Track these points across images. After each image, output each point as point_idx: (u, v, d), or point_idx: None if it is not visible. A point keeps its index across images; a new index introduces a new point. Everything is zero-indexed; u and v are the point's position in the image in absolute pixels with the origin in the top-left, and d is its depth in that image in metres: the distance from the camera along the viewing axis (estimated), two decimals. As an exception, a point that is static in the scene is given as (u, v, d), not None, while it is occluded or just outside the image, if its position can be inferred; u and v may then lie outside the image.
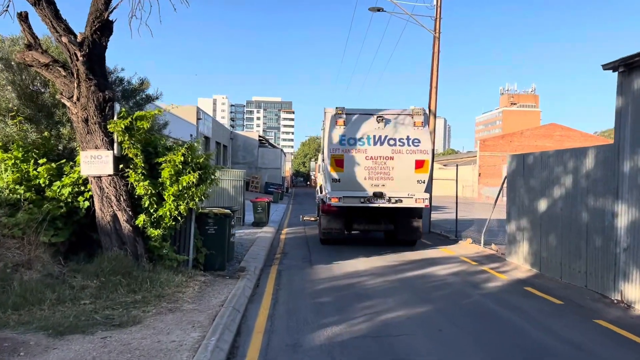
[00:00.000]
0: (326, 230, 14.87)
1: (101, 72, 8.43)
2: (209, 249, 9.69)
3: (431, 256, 13.04)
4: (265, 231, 17.60)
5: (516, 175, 11.86)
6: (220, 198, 19.34)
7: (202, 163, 9.07)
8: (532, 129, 72.73)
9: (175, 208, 8.65)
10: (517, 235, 11.73)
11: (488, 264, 11.94)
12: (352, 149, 13.88)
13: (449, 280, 9.90)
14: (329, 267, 11.09)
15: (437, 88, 18.54)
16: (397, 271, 10.78)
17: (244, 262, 11.06)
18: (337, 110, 14.05)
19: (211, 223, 9.82)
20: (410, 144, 13.89)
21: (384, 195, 13.88)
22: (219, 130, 50.39)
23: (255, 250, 12.88)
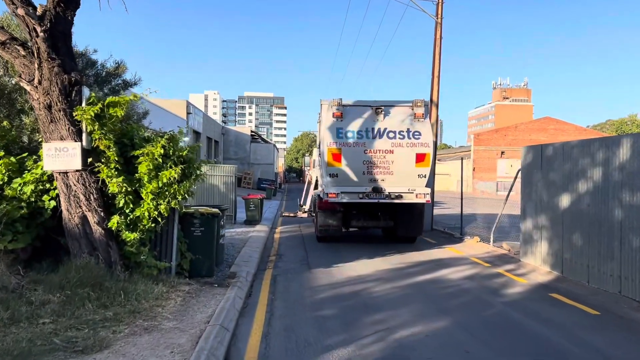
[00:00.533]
0: (323, 227, 13.86)
1: (67, 51, 7.28)
2: (195, 253, 8.60)
3: (439, 257, 12.01)
4: (258, 230, 16.51)
5: (532, 169, 10.84)
6: (210, 195, 18.25)
7: (185, 156, 7.97)
8: (527, 123, 72.15)
9: (154, 208, 7.54)
10: (534, 234, 10.72)
11: (502, 265, 10.93)
12: (350, 143, 12.86)
13: (464, 286, 8.88)
14: (329, 271, 10.03)
15: (439, 77, 17.50)
16: (405, 275, 9.74)
17: (235, 266, 9.98)
18: (334, 102, 13.02)
19: (197, 224, 8.73)
20: (411, 136, 12.89)
21: (383, 191, 12.90)
22: (210, 125, 49.15)
23: (248, 252, 11.80)
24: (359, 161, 12.88)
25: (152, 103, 30.91)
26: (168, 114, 34.18)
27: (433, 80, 17.52)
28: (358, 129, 12.96)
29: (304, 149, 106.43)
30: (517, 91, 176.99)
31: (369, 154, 12.88)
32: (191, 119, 40.06)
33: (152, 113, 29.24)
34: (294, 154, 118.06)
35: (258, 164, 60.06)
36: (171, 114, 34.84)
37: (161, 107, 32.75)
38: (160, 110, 32.28)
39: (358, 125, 12.98)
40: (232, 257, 10.98)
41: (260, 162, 60.59)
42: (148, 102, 27.65)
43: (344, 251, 12.74)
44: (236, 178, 18.51)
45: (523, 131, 67.92)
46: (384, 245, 13.97)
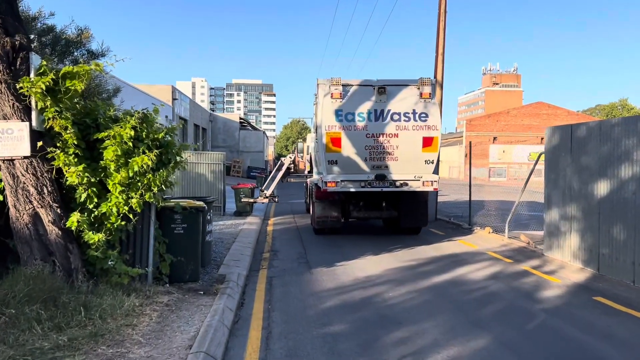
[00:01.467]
0: (321, 219, 12.60)
1: (9, 9, 5.85)
2: (177, 254, 7.27)
3: (452, 251, 10.78)
4: (250, 222, 15.19)
5: (559, 152, 9.60)
6: (196, 185, 16.87)
7: (162, 139, 6.60)
8: (519, 108, 71.25)
9: (124, 202, 6.19)
10: (562, 225, 9.52)
11: (525, 261, 9.74)
12: (350, 126, 11.54)
13: (491, 288, 7.65)
14: (332, 271, 8.75)
15: (444, 55, 16.17)
16: (420, 275, 8.49)
17: (224, 266, 8.66)
18: (333, 81, 11.67)
19: (178, 220, 7.38)
20: (417, 118, 11.61)
21: (387, 178, 11.66)
22: (197, 111, 47.52)
23: (239, 249, 10.48)
24: (361, 146, 11.59)
25: (136, 88, 29.31)
26: (152, 100, 32.56)
27: (437, 58, 16.19)
28: (359, 111, 11.64)
29: (293, 136, 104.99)
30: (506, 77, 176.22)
31: (371, 138, 11.58)
32: (177, 105, 38.48)
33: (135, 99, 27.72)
34: (283, 141, 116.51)
35: (248, 151, 58.56)
36: (156, 100, 33.22)
37: (145, 93, 31.19)
38: (145, 96, 30.69)
39: (360, 107, 11.66)
40: (220, 255, 9.67)
41: (250, 150, 59.08)
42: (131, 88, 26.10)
43: (346, 246, 11.47)
44: (225, 166, 17.13)
45: (515, 116, 67.04)
46: (388, 238, 12.73)
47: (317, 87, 12.29)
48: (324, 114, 11.65)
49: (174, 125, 6.94)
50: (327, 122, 11.55)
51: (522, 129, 66.47)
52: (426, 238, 12.74)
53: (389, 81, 11.85)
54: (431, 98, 11.72)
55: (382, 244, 11.78)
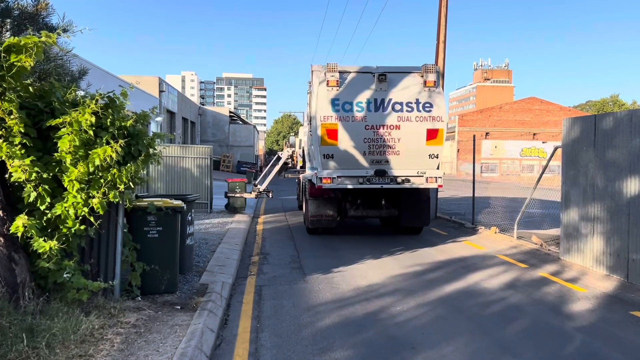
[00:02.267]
0: (315, 218, 11.62)
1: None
2: (151, 262, 6.26)
3: (459, 254, 9.85)
4: (238, 220, 14.17)
5: (580, 146, 8.68)
6: (181, 181, 15.81)
7: (130, 128, 5.57)
8: (511, 103, 70.61)
9: (84, 202, 5.16)
10: (583, 227, 8.61)
11: (541, 266, 8.83)
12: (348, 116, 10.55)
13: (511, 300, 6.71)
14: (329, 279, 7.77)
15: (445, 42, 15.20)
16: (429, 283, 7.54)
17: (208, 273, 7.66)
18: (328, 67, 10.64)
19: (152, 223, 6.36)
20: (421, 109, 10.64)
21: (387, 174, 10.70)
22: (185, 105, 46.24)
23: (225, 252, 9.47)
24: (359, 139, 10.61)
25: (119, 79, 28.06)
26: (138, 92, 31.31)
27: (438, 46, 15.22)
28: (358, 100, 10.65)
29: (284, 131, 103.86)
30: (498, 72, 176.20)
31: (371, 130, 10.60)
32: (164, 97, 37.24)
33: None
34: (274, 136, 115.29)
35: (238, 146, 57.40)
36: (142, 92, 31.99)
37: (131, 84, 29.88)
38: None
39: (358, 96, 10.66)
40: (204, 260, 8.66)
41: (240, 145, 57.92)
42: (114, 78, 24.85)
43: (343, 247, 10.50)
44: (212, 160, 16.08)
45: (508, 112, 66.38)
46: (388, 238, 11.78)
47: (312, 74, 11.28)
48: (319, 104, 10.64)
49: (145, 112, 5.89)
50: (322, 113, 10.55)
51: (514, 124, 65.89)
52: (428, 239, 11.80)
53: (390, 68, 10.86)
54: (436, 86, 10.75)
55: (382, 245, 10.82)
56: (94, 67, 28.82)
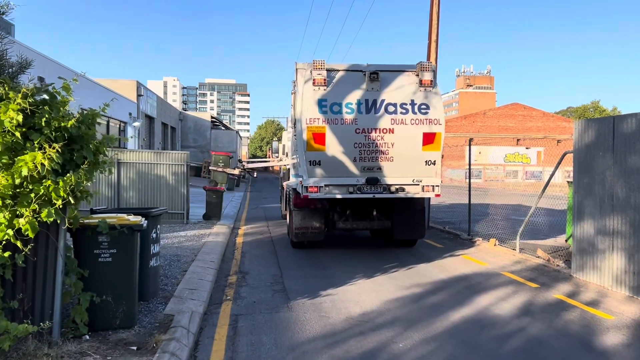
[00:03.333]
0: (300, 231, 10.58)
1: None
2: (102, 292, 5.17)
3: (460, 272, 8.88)
4: (216, 232, 13.06)
5: (596, 151, 7.80)
6: (155, 190, 14.64)
7: (72, 130, 4.49)
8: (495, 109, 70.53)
9: (8, 223, 4.07)
10: (599, 241, 7.71)
11: (553, 285, 7.90)
12: (336, 119, 9.57)
13: (530, 330, 5.74)
14: (317, 305, 6.72)
15: (437, 42, 14.34)
16: (432, 310, 6.54)
17: (176, 299, 6.57)
18: (315, 64, 9.65)
19: (105, 244, 5.26)
20: (416, 110, 9.70)
21: (380, 182, 9.74)
22: (165, 109, 44.94)
23: (198, 271, 8.37)
24: (349, 143, 9.63)
25: (96, 83, 26.75)
26: (115, 96, 30.02)
27: (430, 45, 14.35)
28: (347, 101, 9.67)
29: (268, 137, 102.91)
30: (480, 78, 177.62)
31: (362, 133, 9.63)
32: (142, 101, 35.96)
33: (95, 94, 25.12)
34: (257, 142, 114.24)
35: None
36: (119, 96, 30.69)
37: (107, 88, 28.64)
38: (106, 91, 28.16)
39: (348, 96, 9.69)
40: (173, 281, 7.56)
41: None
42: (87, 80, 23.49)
43: (331, 264, 9.47)
44: (188, 167, 14.94)
45: (492, 117, 66.22)
46: (380, 252, 10.78)
47: (296, 72, 10.28)
48: (304, 105, 9.64)
49: (94, 110, 4.81)
50: (308, 115, 9.55)
51: (498, 130, 65.80)
52: (423, 252, 10.84)
53: (383, 66, 9.92)
54: (432, 86, 9.83)
55: (374, 261, 9.81)
56: (106, 92, 27.42)
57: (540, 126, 65.40)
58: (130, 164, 14.52)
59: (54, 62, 20.25)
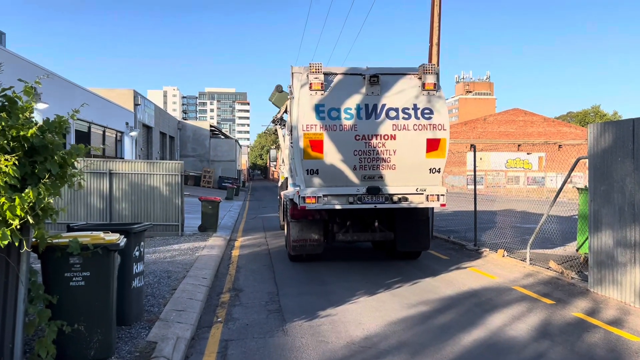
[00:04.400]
0: (298, 244, 10.04)
1: None
2: (74, 319, 4.64)
3: (469, 287, 8.32)
4: (211, 245, 12.52)
5: (614, 156, 7.27)
6: (149, 201, 14.13)
7: (33, 139, 3.96)
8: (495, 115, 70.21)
9: (-46, 247, 3.52)
10: (619, 254, 7.16)
11: (570, 301, 7.34)
12: (335, 125, 9.07)
13: (551, 356, 5.16)
14: (315, 328, 6.16)
15: (439, 45, 13.86)
16: (440, 332, 5.97)
17: (161, 322, 6.01)
18: (311, 68, 9.15)
19: (77, 266, 4.73)
20: (419, 115, 9.20)
21: (382, 192, 9.22)
22: (163, 119, 44.52)
23: (188, 289, 7.81)
24: (349, 151, 9.11)
25: (92, 93, 26.31)
26: (111, 105, 29.59)
27: (431, 49, 13.86)
28: (346, 106, 9.17)
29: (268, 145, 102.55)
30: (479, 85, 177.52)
31: (362, 140, 9.12)
32: (140, 111, 35.51)
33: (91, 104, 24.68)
34: (257, 150, 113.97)
35: (219, 161, 55.56)
36: (114, 105, 30.26)
37: (103, 98, 28.20)
38: (102, 101, 27.72)
39: (346, 101, 9.19)
40: (160, 301, 7.01)
41: (222, 159, 56.09)
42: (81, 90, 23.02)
43: (330, 279, 8.91)
44: (182, 178, 14.42)
45: (492, 123, 65.84)
46: (382, 266, 10.22)
47: (292, 77, 9.77)
48: (300, 111, 9.13)
49: (61, 117, 4.28)
50: (304, 121, 9.03)
51: (498, 136, 65.41)
52: (428, 265, 10.28)
53: (383, 69, 9.42)
54: (436, 90, 9.32)
55: (376, 275, 9.26)
56: (104, 102, 26.90)
57: (541, 131, 64.96)
58: (122, 174, 14.02)
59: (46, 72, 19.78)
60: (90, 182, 13.76)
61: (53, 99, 17.58)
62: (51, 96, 17.64)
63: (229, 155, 56.96)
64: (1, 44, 21.76)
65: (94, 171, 13.76)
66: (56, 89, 19.99)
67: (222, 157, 56.16)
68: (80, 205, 13.79)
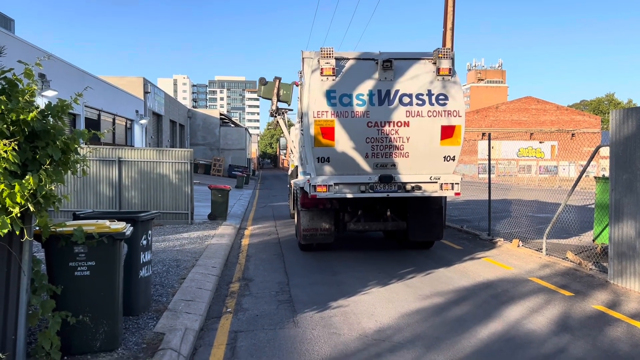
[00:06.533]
0: (308, 233, 9.87)
1: None
2: (79, 310, 4.51)
3: (484, 277, 8.11)
4: (221, 233, 12.40)
5: (637, 143, 6.99)
6: (158, 189, 14.04)
7: (34, 123, 3.79)
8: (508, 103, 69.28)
9: (-48, 236, 3.39)
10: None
11: (589, 293, 7.11)
12: (346, 112, 8.83)
13: (573, 352, 4.95)
14: (326, 319, 6.01)
15: (453, 30, 13.52)
16: (455, 325, 5.79)
17: (169, 313, 5.89)
18: (323, 52, 8.90)
19: (81, 256, 4.59)
20: (434, 101, 8.94)
21: (394, 180, 8.98)
22: (173, 107, 44.43)
23: (197, 279, 7.69)
24: (361, 138, 8.89)
25: (102, 80, 26.22)
26: (121, 93, 29.53)
27: (445, 34, 13.53)
28: (358, 92, 8.92)
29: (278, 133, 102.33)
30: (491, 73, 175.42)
31: (374, 127, 8.88)
32: (150, 99, 35.43)
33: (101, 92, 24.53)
34: (267, 139, 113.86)
35: (229, 149, 55.53)
36: (124, 93, 30.18)
37: (113, 85, 28.12)
38: (112, 89, 27.65)
39: (358, 87, 8.94)
40: (169, 290, 6.89)
41: (232, 148, 56.04)
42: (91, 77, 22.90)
43: (342, 269, 8.75)
44: (192, 165, 14.29)
45: (504, 112, 65.09)
46: (394, 255, 10.03)
47: (302, 62, 9.55)
48: (311, 97, 8.90)
49: (63, 101, 4.11)
50: (315, 107, 8.81)
51: (510, 124, 64.63)
52: (442, 255, 10.08)
53: (397, 54, 9.15)
54: (451, 75, 9.04)
55: (388, 265, 9.08)
56: (113, 89, 26.79)
57: (554, 120, 64.08)
58: (131, 162, 13.92)
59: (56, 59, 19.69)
60: (99, 170, 13.69)
61: (63, 86, 17.52)
62: (61, 83, 17.58)
63: (239, 144, 56.87)
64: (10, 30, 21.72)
65: (103, 159, 13.67)
66: (66, 76, 19.92)
67: (232, 146, 56.10)
68: (90, 194, 13.73)
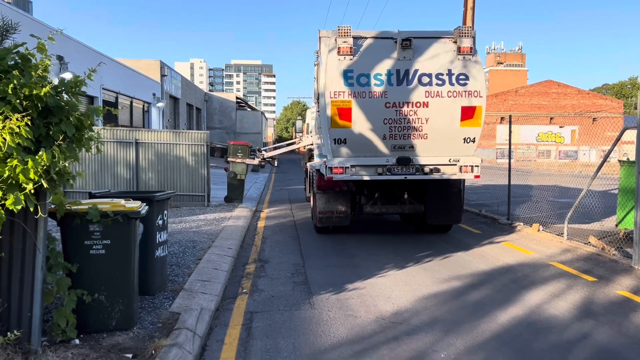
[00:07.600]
0: (324, 215, 9.79)
1: None
2: (94, 289, 4.49)
3: (503, 262, 7.96)
4: (237, 215, 12.39)
5: (666, 125, 6.72)
6: (174, 171, 14.05)
7: (48, 99, 3.73)
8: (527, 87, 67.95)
9: (-34, 211, 3.35)
10: (669, 229, 6.68)
11: (613, 278, 6.93)
12: (364, 92, 8.65)
13: (597, 337, 4.83)
14: (342, 301, 5.94)
15: (474, 9, 13.17)
16: (474, 308, 5.67)
17: (185, 293, 5.87)
18: (340, 31, 8.70)
19: (97, 234, 4.56)
20: (454, 81, 8.71)
21: (413, 162, 8.82)
22: (190, 90, 44.49)
23: (214, 259, 7.67)
24: (378, 119, 8.72)
25: (119, 63, 26.28)
26: (138, 76, 29.60)
27: (466, 12, 13.20)
28: (376, 72, 8.73)
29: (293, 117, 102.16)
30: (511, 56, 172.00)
31: (392, 108, 8.70)
32: (167, 82, 35.52)
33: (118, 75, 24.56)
34: (283, 123, 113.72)
35: (245, 133, 55.59)
36: (141, 76, 30.25)
37: (130, 68, 28.18)
38: (129, 72, 27.71)
39: (377, 66, 8.75)
40: (185, 270, 6.88)
41: (248, 132, 56.13)
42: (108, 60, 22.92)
43: (358, 252, 8.66)
44: (208, 147, 14.26)
45: (524, 95, 63.90)
46: (411, 239, 9.91)
47: (319, 41, 9.38)
48: (328, 77, 8.74)
49: (77, 76, 4.04)
50: (332, 88, 8.66)
51: (530, 108, 63.45)
52: (460, 239, 9.93)
53: (416, 33, 8.91)
54: (472, 54, 8.79)
55: (405, 248, 8.97)
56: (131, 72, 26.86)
57: (575, 104, 62.79)
58: (148, 144, 13.93)
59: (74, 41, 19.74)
60: (116, 152, 13.73)
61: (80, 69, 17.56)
62: (78, 66, 17.63)
63: (255, 128, 56.93)
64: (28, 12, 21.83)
65: (120, 140, 13.70)
66: (83, 58, 19.94)
67: (248, 130, 56.17)
68: (107, 175, 13.79)
